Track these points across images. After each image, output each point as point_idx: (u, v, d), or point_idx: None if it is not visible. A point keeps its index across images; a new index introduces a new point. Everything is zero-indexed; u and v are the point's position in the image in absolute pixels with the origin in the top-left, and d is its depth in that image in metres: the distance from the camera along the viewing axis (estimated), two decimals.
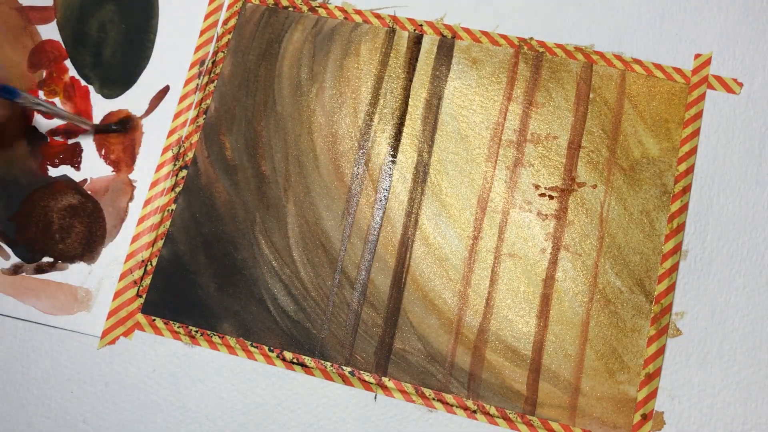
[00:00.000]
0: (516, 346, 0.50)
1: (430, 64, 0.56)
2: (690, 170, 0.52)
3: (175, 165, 0.55)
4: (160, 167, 0.55)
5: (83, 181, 0.56)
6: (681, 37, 0.55)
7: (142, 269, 0.53)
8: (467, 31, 0.56)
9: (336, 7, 0.58)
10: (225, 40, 0.58)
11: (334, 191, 0.54)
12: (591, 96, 0.54)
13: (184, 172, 0.55)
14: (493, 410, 0.49)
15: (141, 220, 0.54)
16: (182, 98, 0.57)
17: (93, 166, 0.56)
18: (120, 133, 0.56)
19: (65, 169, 0.56)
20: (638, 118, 0.53)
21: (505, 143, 0.54)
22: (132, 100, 0.57)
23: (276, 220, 0.53)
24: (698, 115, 0.53)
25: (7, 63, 0.58)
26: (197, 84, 0.57)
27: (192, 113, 0.56)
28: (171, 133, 0.56)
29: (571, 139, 0.53)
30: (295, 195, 0.54)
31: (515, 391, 0.49)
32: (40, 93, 0.58)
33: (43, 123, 0.57)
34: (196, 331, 0.51)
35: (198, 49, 0.58)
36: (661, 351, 0.49)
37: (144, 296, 0.52)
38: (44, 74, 0.58)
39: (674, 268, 0.50)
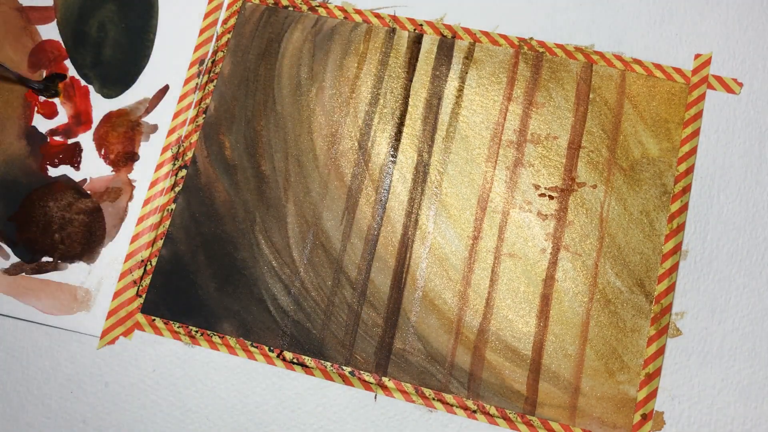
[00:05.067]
0: (516, 346, 0.50)
1: (430, 64, 0.56)
2: (690, 170, 0.52)
3: (174, 164, 0.55)
4: (159, 167, 0.55)
5: (83, 180, 0.55)
6: (681, 37, 0.55)
7: (142, 269, 0.53)
8: (467, 31, 0.56)
9: (336, 6, 0.58)
10: (224, 39, 0.58)
11: (334, 191, 0.54)
12: (591, 96, 0.54)
13: (183, 172, 0.55)
14: (493, 410, 0.49)
15: (140, 220, 0.54)
16: (182, 97, 0.57)
17: (92, 166, 0.56)
18: (41, 94, 0.52)
19: (65, 169, 0.56)
20: (638, 118, 0.53)
21: (505, 143, 0.54)
22: (132, 100, 0.57)
23: (276, 220, 0.53)
24: (698, 115, 0.53)
25: (7, 63, 0.58)
26: (197, 83, 0.57)
27: (191, 112, 0.56)
28: (170, 132, 0.56)
29: (571, 139, 0.53)
30: (295, 195, 0.54)
31: (515, 391, 0.49)
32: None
33: (43, 123, 0.57)
34: (196, 331, 0.51)
35: (197, 48, 0.58)
36: (661, 351, 0.49)
37: (144, 296, 0.52)
38: (44, 74, 0.58)
39: (674, 268, 0.50)
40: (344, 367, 0.50)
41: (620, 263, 0.51)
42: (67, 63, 0.58)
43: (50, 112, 0.57)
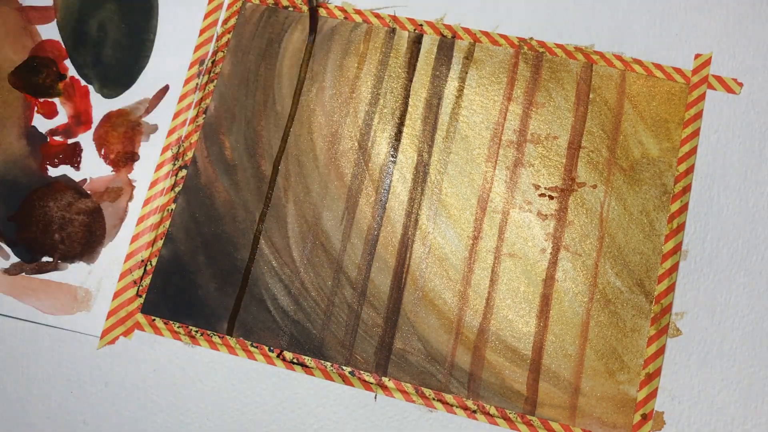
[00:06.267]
0: (516, 346, 0.50)
1: (430, 64, 0.56)
2: (690, 170, 0.52)
3: (174, 164, 0.55)
4: (159, 167, 0.55)
5: (83, 180, 0.55)
6: (681, 37, 0.55)
7: (142, 269, 0.53)
8: (467, 31, 0.56)
9: (336, 7, 0.58)
10: (225, 39, 0.58)
11: (334, 191, 0.54)
12: (591, 96, 0.54)
13: (183, 172, 0.55)
14: (493, 410, 0.49)
15: (140, 220, 0.54)
16: (182, 97, 0.57)
17: (92, 166, 0.56)
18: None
19: (65, 169, 0.56)
20: (638, 118, 0.53)
21: (505, 143, 0.54)
22: (132, 100, 0.57)
23: (276, 220, 0.53)
24: (698, 115, 0.53)
25: (7, 63, 0.58)
26: (197, 83, 0.57)
27: (191, 113, 0.56)
28: (170, 132, 0.56)
29: (571, 139, 0.53)
30: (295, 195, 0.54)
31: (515, 391, 0.49)
32: None
33: (43, 123, 0.57)
34: (196, 331, 0.51)
35: (198, 48, 0.58)
36: (661, 351, 0.49)
37: (144, 296, 0.52)
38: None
39: (674, 268, 0.50)
40: (344, 367, 0.50)
41: (620, 263, 0.51)
42: (67, 63, 0.58)
43: (50, 112, 0.57)
